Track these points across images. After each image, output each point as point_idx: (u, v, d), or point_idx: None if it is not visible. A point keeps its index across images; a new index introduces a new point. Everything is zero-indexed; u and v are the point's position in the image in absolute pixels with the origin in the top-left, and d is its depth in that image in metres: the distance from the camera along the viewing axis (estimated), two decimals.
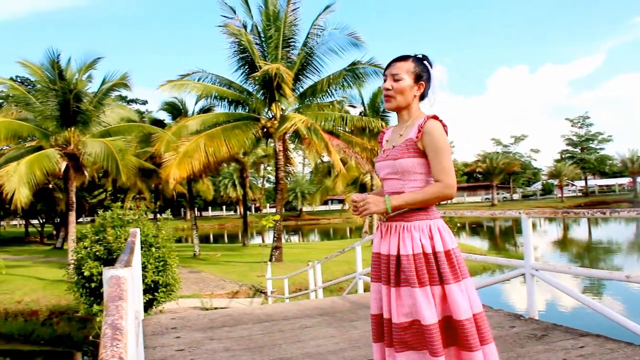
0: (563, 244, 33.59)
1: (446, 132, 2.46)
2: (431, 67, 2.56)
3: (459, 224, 37.36)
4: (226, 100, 22.03)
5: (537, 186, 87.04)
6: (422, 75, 2.52)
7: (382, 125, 21.39)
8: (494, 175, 70.13)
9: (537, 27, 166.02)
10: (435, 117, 2.45)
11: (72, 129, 18.79)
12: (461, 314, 2.28)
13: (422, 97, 2.57)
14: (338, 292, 15.65)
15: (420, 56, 2.56)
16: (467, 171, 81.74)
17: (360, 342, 4.40)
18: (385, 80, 2.54)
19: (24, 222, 54.76)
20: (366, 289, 8.40)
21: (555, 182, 76.03)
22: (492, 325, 4.68)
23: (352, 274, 9.59)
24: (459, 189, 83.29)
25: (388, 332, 2.41)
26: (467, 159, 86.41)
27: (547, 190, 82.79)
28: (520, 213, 5.29)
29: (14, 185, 16.63)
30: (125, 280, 1.58)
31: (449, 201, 79.24)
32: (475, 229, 47.71)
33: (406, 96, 2.50)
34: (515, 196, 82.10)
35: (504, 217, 47.76)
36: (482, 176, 79.60)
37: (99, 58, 19.61)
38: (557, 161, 77.86)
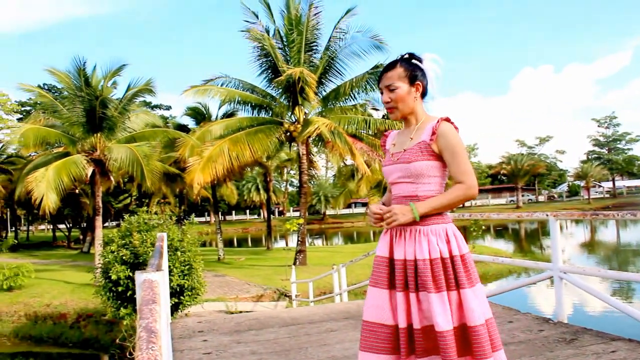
0: (590, 246, 33.09)
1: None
2: (421, 63, 2.51)
3: (483, 227, 37.04)
4: (249, 104, 22.15)
5: (563, 188, 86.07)
6: (416, 75, 2.48)
7: None
8: (519, 177, 69.38)
9: (562, 26, 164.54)
10: (447, 119, 2.43)
11: (98, 134, 19.03)
12: (476, 319, 2.25)
13: (423, 94, 2.54)
14: (362, 295, 15.58)
15: (407, 56, 2.51)
16: (492, 173, 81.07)
17: None
18: (382, 94, 2.52)
19: (51, 227, 55.68)
20: None
21: (582, 183, 75.04)
22: (520, 329, 4.63)
23: None
24: (483, 191, 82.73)
25: (406, 341, 2.33)
26: (491, 161, 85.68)
27: (573, 191, 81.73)
28: (547, 215, 5.23)
29: (42, 191, 16.89)
30: (158, 284, 1.59)
31: (473, 203, 78.68)
32: (500, 231, 47.27)
33: (407, 102, 2.47)
34: (541, 198, 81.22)
35: (531, 219, 47.25)
36: (506, 178, 78.85)
37: (124, 65, 19.86)
38: (584, 162, 76.75)
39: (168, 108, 54.21)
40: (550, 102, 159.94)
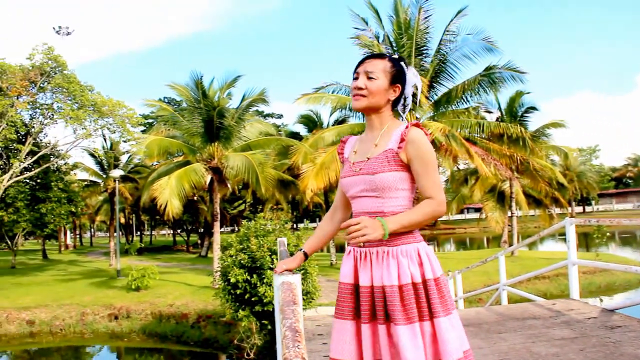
0: None
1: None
2: (407, 70, 2.27)
3: (608, 233, 34.89)
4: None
5: None
6: (399, 78, 2.23)
7: (520, 130, 20.55)
8: None
9: None
10: (417, 125, 2.16)
11: (216, 144, 19.85)
12: (451, 353, 1.97)
13: (395, 103, 2.28)
14: (477, 303, 15.20)
15: (397, 57, 2.28)
16: (616, 176, 76.30)
17: (510, 354, 4.24)
18: (356, 78, 2.22)
19: (171, 232, 58.76)
20: (511, 300, 8.08)
21: None
22: None
23: (492, 285, 9.28)
24: (606, 195, 78.09)
25: None
26: (615, 163, 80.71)
27: None
28: None
29: (166, 197, 17.91)
30: (296, 286, 1.64)
31: (597, 208, 74.38)
32: (627, 238, 44.26)
33: (379, 98, 2.19)
34: None
35: None
36: (632, 181, 73.88)
37: (238, 76, 20.70)
38: None
39: (280, 116, 55.53)
40: None
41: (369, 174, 2.12)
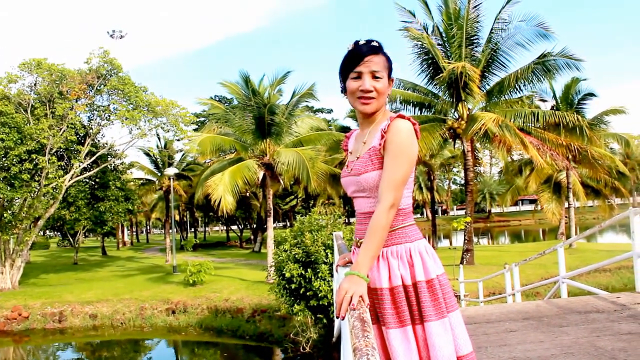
0: None
1: (417, 134, 1.98)
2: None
3: None
4: (411, 103, 22.10)
5: None
6: (392, 70, 2.09)
7: (577, 119, 20.00)
8: None
9: None
10: (401, 117, 1.97)
11: (267, 140, 20.08)
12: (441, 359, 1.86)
13: None
14: (534, 297, 14.90)
15: (380, 46, 2.07)
16: None
17: (573, 348, 4.14)
18: (358, 77, 2.02)
19: (225, 228, 59.71)
20: (570, 294, 7.90)
21: None
22: None
23: (550, 278, 9.11)
24: None
25: None
26: None
27: None
28: None
29: (220, 193, 18.30)
30: None
31: None
32: None
33: (384, 97, 2.06)
34: None
35: None
36: None
37: (288, 72, 20.88)
38: None
39: (330, 111, 55.60)
40: None
41: (355, 175, 2.03)
